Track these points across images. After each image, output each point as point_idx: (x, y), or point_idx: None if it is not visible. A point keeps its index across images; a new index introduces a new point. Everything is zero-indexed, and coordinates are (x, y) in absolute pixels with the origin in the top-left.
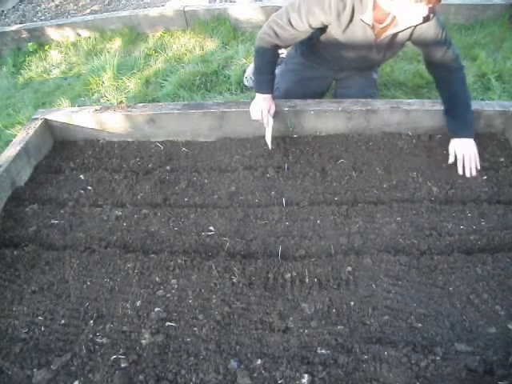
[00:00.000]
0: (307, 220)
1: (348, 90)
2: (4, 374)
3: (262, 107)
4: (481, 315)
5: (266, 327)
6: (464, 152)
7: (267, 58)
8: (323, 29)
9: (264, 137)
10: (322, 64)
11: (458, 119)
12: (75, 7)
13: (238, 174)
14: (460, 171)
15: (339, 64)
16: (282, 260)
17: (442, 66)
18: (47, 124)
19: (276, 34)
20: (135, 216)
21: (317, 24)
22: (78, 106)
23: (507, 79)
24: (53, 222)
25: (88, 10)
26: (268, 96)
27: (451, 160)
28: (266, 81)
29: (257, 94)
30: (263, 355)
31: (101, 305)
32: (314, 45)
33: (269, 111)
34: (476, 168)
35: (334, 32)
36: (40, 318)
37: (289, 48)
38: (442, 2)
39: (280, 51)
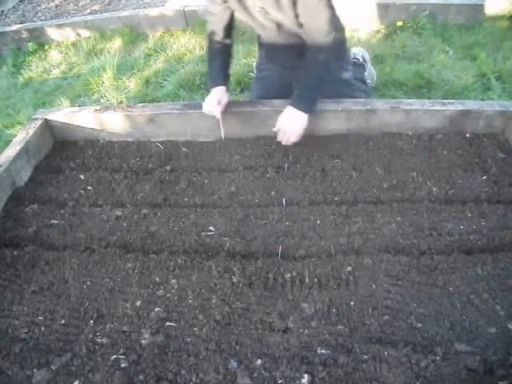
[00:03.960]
0: (307, 220)
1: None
2: (4, 374)
3: (211, 99)
4: (481, 315)
5: (266, 327)
6: (284, 124)
7: (212, 50)
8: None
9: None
10: (276, 61)
11: (297, 87)
12: (75, 7)
13: (238, 174)
14: (278, 139)
15: (276, 51)
16: (282, 260)
17: (308, 32)
18: (47, 124)
19: (207, 11)
20: (135, 216)
21: None
22: (78, 106)
23: (507, 79)
24: (53, 221)
25: (88, 10)
26: (218, 88)
27: (275, 128)
28: (214, 74)
29: (209, 88)
30: (263, 355)
31: (101, 305)
32: (259, 43)
33: (219, 103)
34: (288, 141)
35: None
36: (40, 317)
37: None
38: (442, 1)
39: None
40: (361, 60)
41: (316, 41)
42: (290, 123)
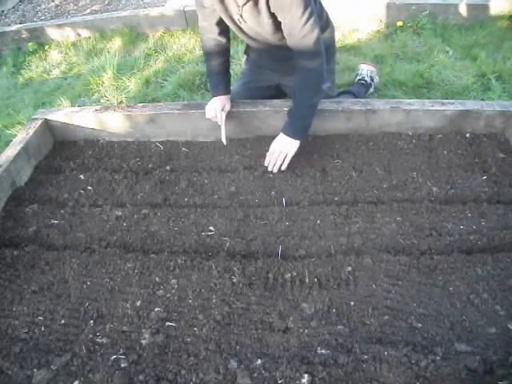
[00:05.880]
0: (307, 220)
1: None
2: (4, 374)
3: (215, 106)
4: (481, 315)
5: (266, 327)
6: (276, 147)
7: (208, 51)
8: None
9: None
10: (255, 62)
11: (289, 115)
12: (75, 7)
13: (238, 174)
14: (265, 163)
15: (254, 53)
16: (282, 260)
17: (296, 54)
18: (47, 124)
19: (200, 5)
20: (135, 216)
21: None
22: (78, 106)
23: (507, 79)
24: (53, 221)
25: (88, 10)
26: (221, 97)
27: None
28: (215, 82)
29: (211, 95)
30: (263, 355)
31: (101, 305)
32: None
33: (223, 109)
34: (279, 167)
35: (220, 13)
36: (40, 317)
37: None
38: (442, 2)
39: None
40: (368, 81)
41: (306, 63)
42: (281, 149)
